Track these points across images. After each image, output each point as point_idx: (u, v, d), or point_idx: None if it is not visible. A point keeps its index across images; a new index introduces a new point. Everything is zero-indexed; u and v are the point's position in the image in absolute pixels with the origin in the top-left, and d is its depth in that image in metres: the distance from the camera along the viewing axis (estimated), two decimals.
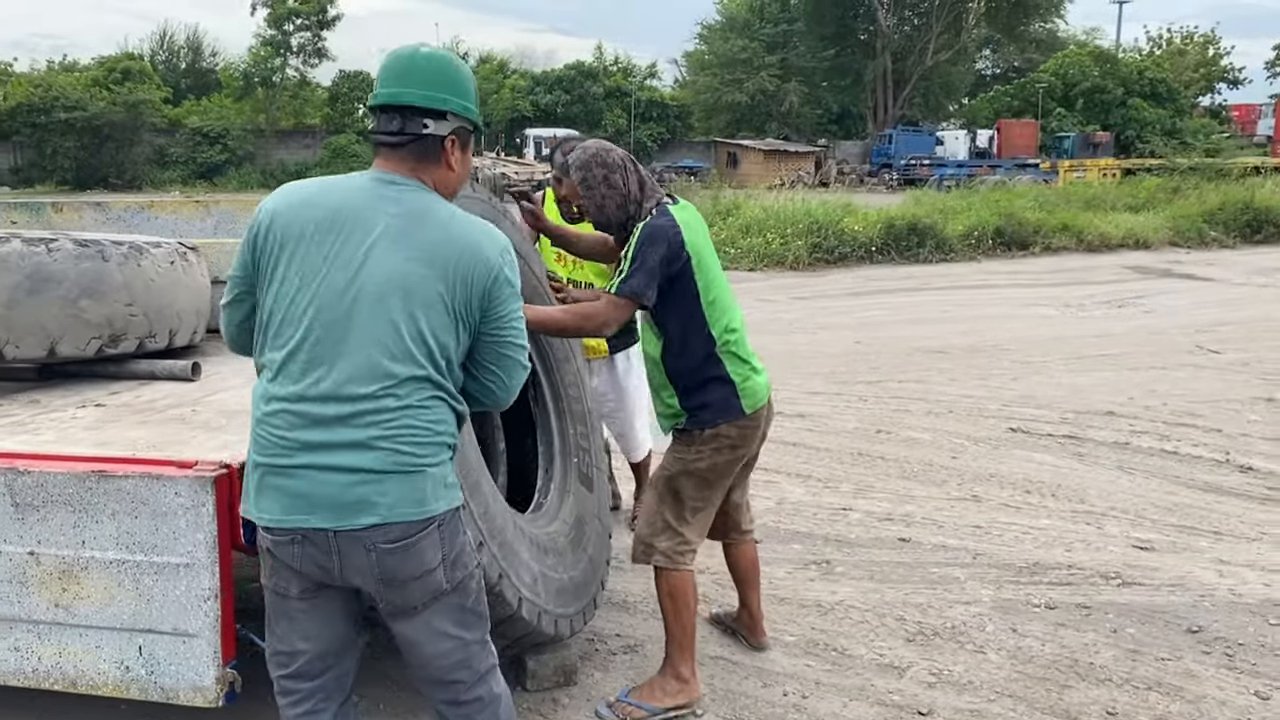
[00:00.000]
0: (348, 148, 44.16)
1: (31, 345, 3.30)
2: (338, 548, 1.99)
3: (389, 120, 2.11)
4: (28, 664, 2.58)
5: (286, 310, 2.04)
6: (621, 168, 2.95)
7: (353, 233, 2.03)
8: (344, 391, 1.98)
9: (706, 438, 3.01)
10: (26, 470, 2.51)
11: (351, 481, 1.97)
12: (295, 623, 2.14)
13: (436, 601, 2.08)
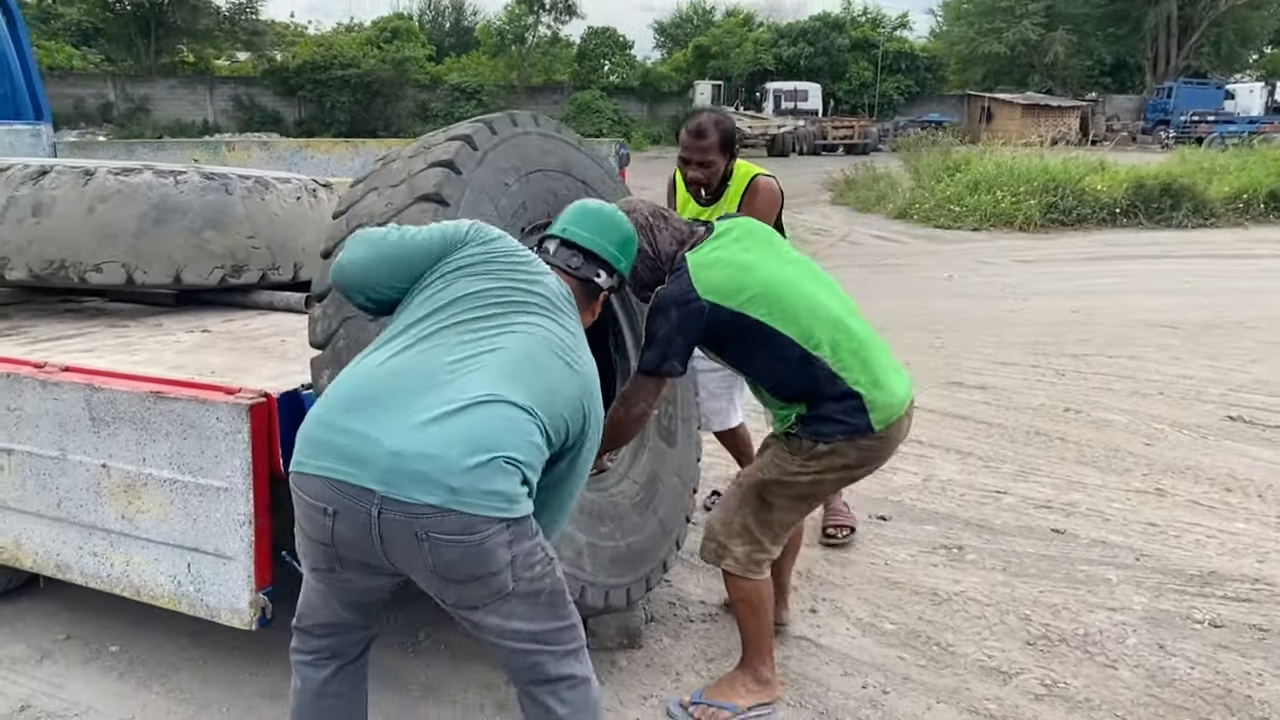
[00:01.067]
0: (592, 103, 45.16)
1: (158, 272, 3.50)
2: (379, 523, 1.82)
3: (571, 255, 2.30)
4: (103, 569, 2.75)
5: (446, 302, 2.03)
6: (647, 227, 2.62)
7: (538, 289, 2.09)
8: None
9: (819, 453, 2.61)
10: (100, 387, 2.65)
11: (422, 442, 1.83)
12: (306, 588, 2.09)
13: (501, 601, 1.91)
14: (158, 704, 2.81)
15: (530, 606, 1.94)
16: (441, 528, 1.79)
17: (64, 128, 35.59)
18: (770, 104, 40.61)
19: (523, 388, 1.90)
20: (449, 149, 2.59)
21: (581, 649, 2.05)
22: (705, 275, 2.54)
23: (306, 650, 2.14)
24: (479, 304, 2.01)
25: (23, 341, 3.19)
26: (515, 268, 2.11)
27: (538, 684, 2.00)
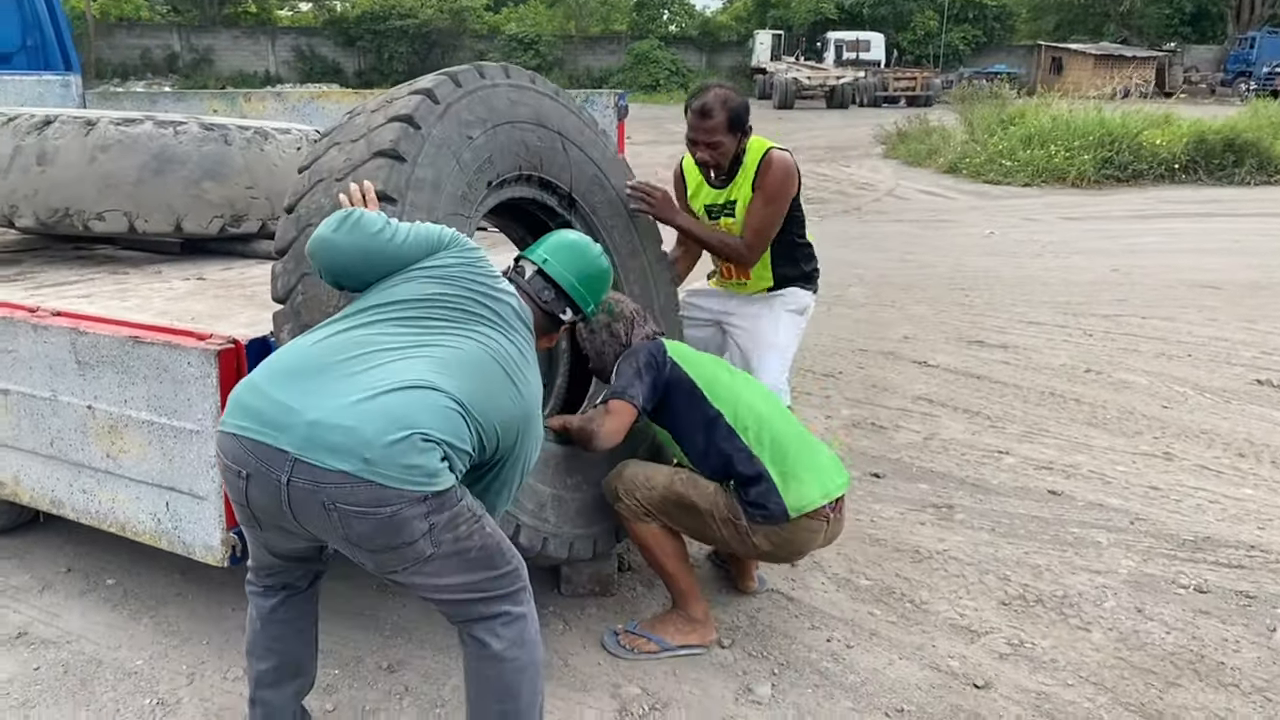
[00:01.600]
0: (650, 53, 44.68)
1: (158, 221, 3.60)
2: (288, 488, 1.85)
3: (544, 287, 2.40)
4: (92, 505, 2.88)
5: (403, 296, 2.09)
6: (628, 320, 2.97)
7: (498, 308, 2.14)
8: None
9: (743, 528, 2.80)
10: (85, 331, 2.75)
11: (341, 411, 1.86)
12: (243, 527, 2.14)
13: (421, 564, 1.92)
14: (145, 635, 2.95)
15: (459, 564, 1.97)
16: (351, 498, 1.80)
17: (131, 78, 36.32)
18: (831, 54, 39.73)
19: (457, 384, 1.92)
20: (409, 103, 2.61)
21: (519, 591, 2.09)
22: (675, 347, 2.96)
23: (256, 582, 2.24)
24: (434, 306, 2.06)
25: (26, 286, 3.32)
26: (478, 279, 2.15)
27: (472, 622, 2.06)
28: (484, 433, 1.97)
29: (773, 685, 2.75)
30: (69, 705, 2.62)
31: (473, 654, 2.09)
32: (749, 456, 2.78)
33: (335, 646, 2.86)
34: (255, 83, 38.57)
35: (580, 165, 3.18)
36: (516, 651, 2.07)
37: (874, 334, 6.34)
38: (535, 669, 2.10)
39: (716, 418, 2.82)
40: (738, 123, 3.31)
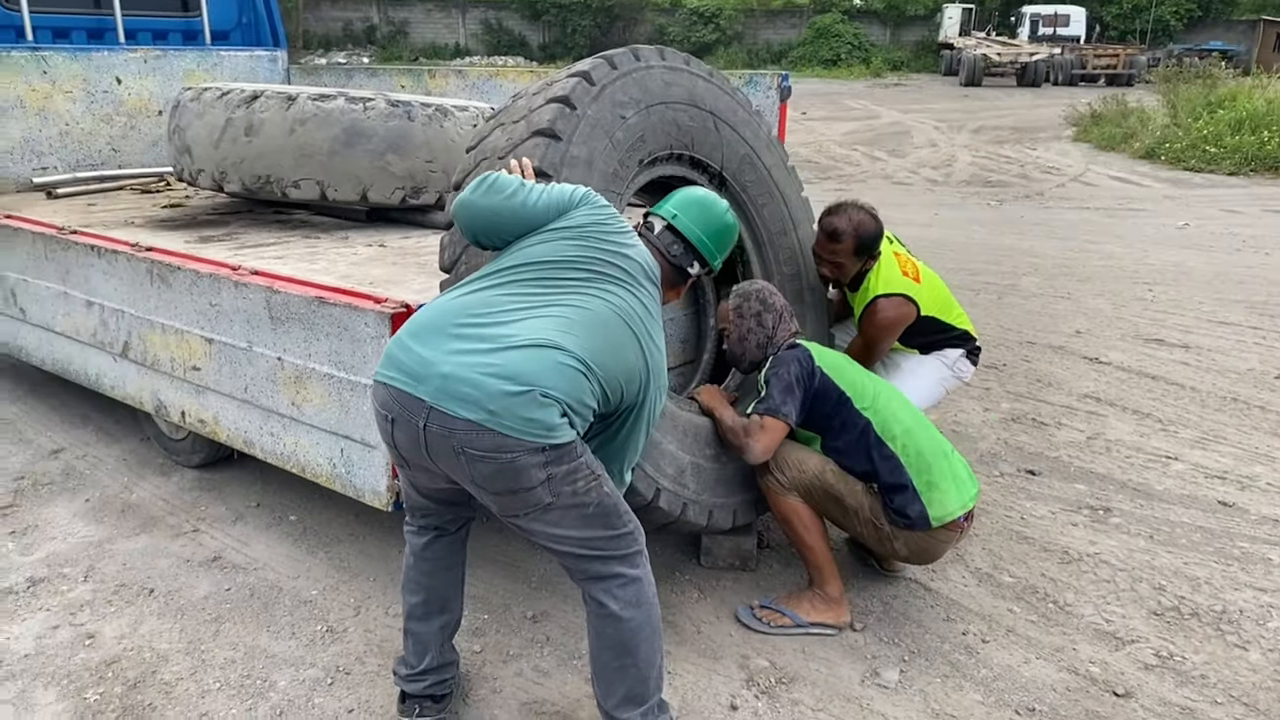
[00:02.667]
0: (831, 27, 43.73)
1: (346, 190, 3.89)
2: (425, 433, 2.01)
3: (673, 242, 2.48)
4: (278, 447, 3.18)
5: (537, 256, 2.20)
6: (778, 313, 3.04)
7: (626, 265, 2.22)
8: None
9: (885, 532, 2.91)
10: (279, 290, 3.03)
11: (466, 366, 2.00)
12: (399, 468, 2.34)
13: (540, 511, 2.06)
14: (320, 568, 3.24)
15: (577, 517, 2.10)
16: (476, 444, 1.96)
17: (333, 49, 38.47)
18: (1026, 29, 37.79)
19: (581, 343, 2.04)
20: (566, 85, 2.74)
21: (635, 555, 2.21)
22: (819, 353, 2.98)
23: (411, 522, 2.44)
24: (564, 266, 2.16)
25: (231, 246, 3.66)
26: (608, 236, 2.24)
27: (590, 581, 2.21)
28: (608, 389, 2.08)
29: (901, 671, 2.77)
30: (252, 625, 2.93)
31: (593, 612, 2.23)
32: (896, 466, 2.84)
33: (486, 593, 3.07)
34: (446, 54, 40.12)
35: (732, 145, 3.25)
36: (633, 612, 2.19)
37: (1044, 326, 6.11)
38: (651, 629, 2.22)
39: (866, 427, 2.88)
40: (864, 250, 3.38)
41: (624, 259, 2.23)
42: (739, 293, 3.08)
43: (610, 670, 2.23)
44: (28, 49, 5.00)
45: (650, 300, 2.24)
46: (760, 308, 3.03)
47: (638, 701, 2.23)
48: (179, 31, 5.93)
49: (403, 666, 2.48)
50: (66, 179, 4.98)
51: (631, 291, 2.19)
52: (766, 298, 3.05)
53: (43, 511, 3.62)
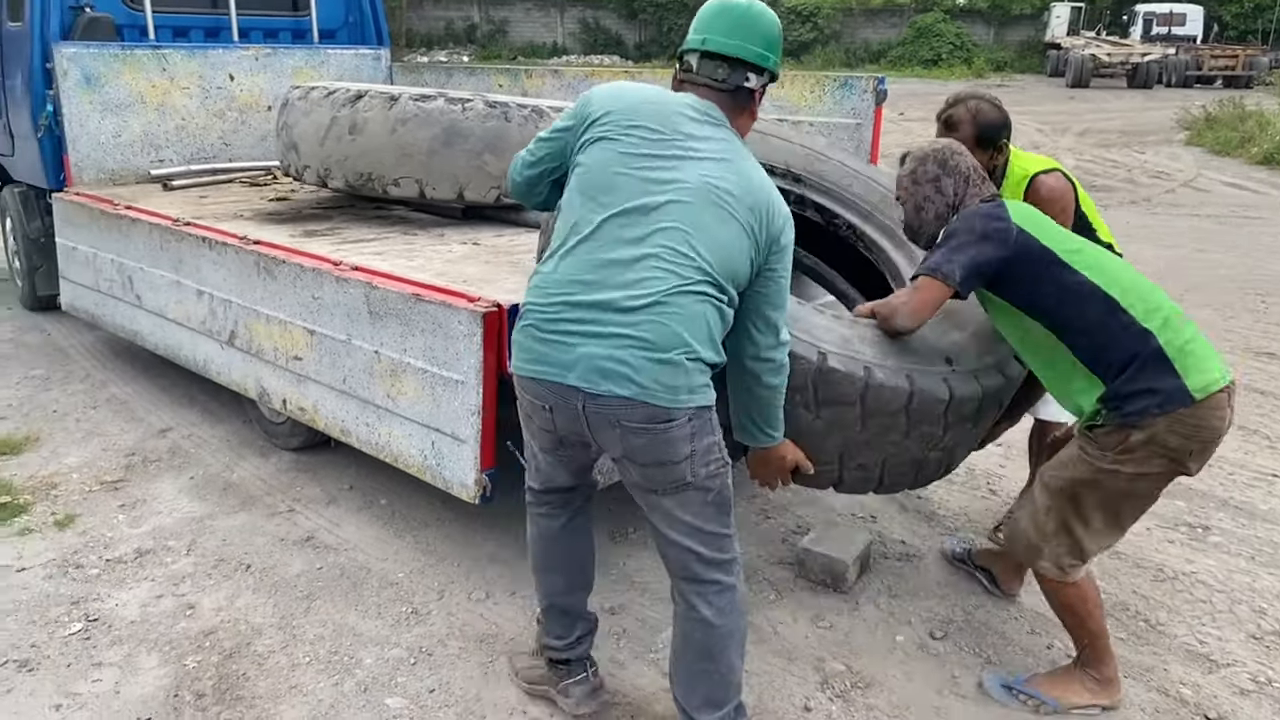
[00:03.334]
0: (933, 26, 42.85)
1: (444, 189, 4.00)
2: (586, 416, 2.08)
3: (715, 67, 2.22)
4: (372, 437, 3.29)
5: (600, 188, 2.13)
6: (962, 176, 2.58)
7: (678, 138, 2.13)
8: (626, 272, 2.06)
9: (1134, 443, 2.34)
10: (377, 286, 3.14)
11: (611, 346, 2.03)
12: (534, 453, 2.40)
13: (679, 492, 2.14)
14: (407, 551, 3.34)
15: (701, 501, 2.16)
16: (632, 417, 2.04)
17: (435, 47, 39.30)
18: (1138, 28, 36.47)
19: (693, 263, 2.04)
20: None
21: (732, 562, 2.25)
22: (1020, 210, 2.50)
23: (541, 505, 2.49)
24: (627, 188, 2.10)
25: (332, 242, 3.80)
26: (641, 122, 2.14)
27: (688, 582, 2.23)
28: (733, 277, 2.09)
29: (980, 682, 2.73)
30: (341, 603, 3.04)
31: (683, 615, 2.26)
32: (1140, 333, 2.33)
33: None
34: (543, 53, 40.61)
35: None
36: (723, 620, 2.23)
37: None
38: (739, 637, 2.26)
39: (1091, 289, 2.37)
40: (985, 138, 2.96)
41: (674, 130, 2.14)
42: (914, 155, 2.66)
43: (693, 673, 2.27)
44: (149, 47, 5.26)
45: (722, 146, 2.15)
46: (938, 170, 2.60)
47: (717, 705, 2.27)
48: (289, 30, 6.15)
49: (555, 640, 2.55)
50: (181, 171, 5.23)
51: (698, 160, 2.11)
52: (947, 158, 2.61)
53: (151, 487, 3.81)
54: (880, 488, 2.76)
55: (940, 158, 2.61)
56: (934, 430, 2.59)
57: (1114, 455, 2.37)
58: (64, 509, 3.61)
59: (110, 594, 3.08)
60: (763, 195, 2.14)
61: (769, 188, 2.17)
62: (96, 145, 5.09)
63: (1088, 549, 2.51)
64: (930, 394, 2.51)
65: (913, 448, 2.62)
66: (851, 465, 2.63)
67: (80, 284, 4.87)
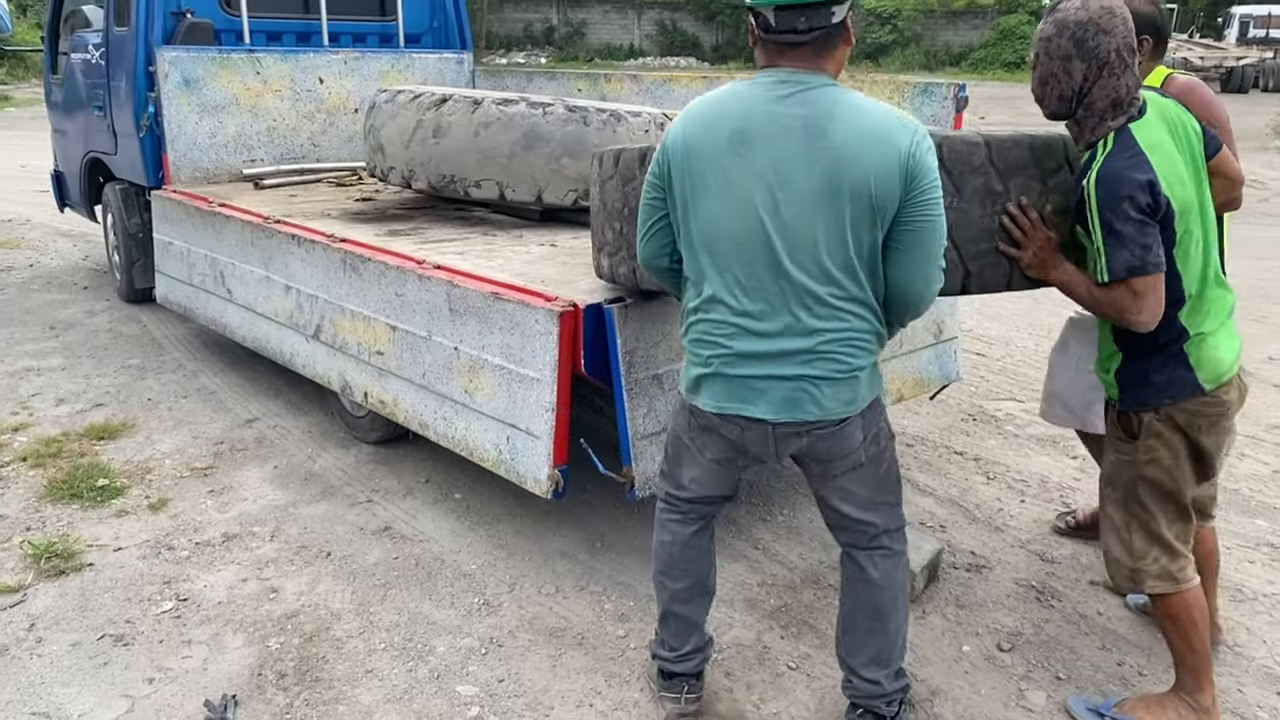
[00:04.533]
0: (1016, 29, 41.98)
1: (523, 191, 4.08)
2: (774, 437, 2.20)
3: (794, 18, 2.02)
4: (450, 431, 3.39)
5: (709, 233, 2.13)
6: (1099, 63, 2.24)
7: (760, 153, 2.04)
8: (778, 315, 2.11)
9: (1155, 429, 2.39)
10: (458, 285, 3.24)
11: (793, 386, 2.14)
12: (691, 470, 2.43)
13: (853, 471, 2.28)
14: (480, 544, 3.43)
15: (872, 474, 2.30)
16: (816, 429, 2.19)
17: (514, 49, 39.77)
18: (1234, 31, 35.23)
19: (816, 280, 2.05)
20: None
21: (898, 532, 2.40)
22: (1153, 151, 2.23)
23: (679, 512, 2.51)
24: (726, 227, 2.09)
25: (415, 241, 3.91)
26: (711, 152, 2.08)
27: (857, 547, 2.39)
28: (860, 257, 2.06)
29: (1048, 696, 2.71)
30: (416, 592, 3.14)
31: (852, 576, 2.42)
32: (1173, 325, 2.32)
33: (633, 582, 3.18)
34: (620, 55, 40.80)
35: None
36: (890, 582, 2.38)
37: None
38: (903, 602, 2.42)
39: (1171, 277, 2.28)
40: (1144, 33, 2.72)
41: (744, 134, 2.05)
42: (1056, 19, 2.30)
43: (861, 631, 2.41)
44: (245, 51, 5.47)
45: (804, 119, 2.02)
46: (1072, 49, 2.26)
47: (883, 664, 2.41)
48: (376, 35, 6.33)
49: (665, 650, 2.59)
50: (271, 170, 5.42)
51: (773, 158, 2.03)
52: (1086, 38, 2.25)
53: (237, 474, 3.97)
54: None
55: (1079, 35, 2.25)
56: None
57: (1141, 444, 2.42)
58: (157, 493, 3.79)
59: (199, 575, 3.23)
60: (867, 144, 2.00)
61: (874, 128, 2.01)
62: (193, 145, 5.30)
63: (1176, 548, 2.45)
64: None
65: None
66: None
67: (175, 278, 5.09)
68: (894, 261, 2.10)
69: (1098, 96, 2.28)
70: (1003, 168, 2.39)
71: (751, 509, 3.73)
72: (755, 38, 2.12)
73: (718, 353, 2.19)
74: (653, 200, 2.25)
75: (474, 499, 3.74)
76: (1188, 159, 2.33)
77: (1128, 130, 2.26)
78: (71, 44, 6.32)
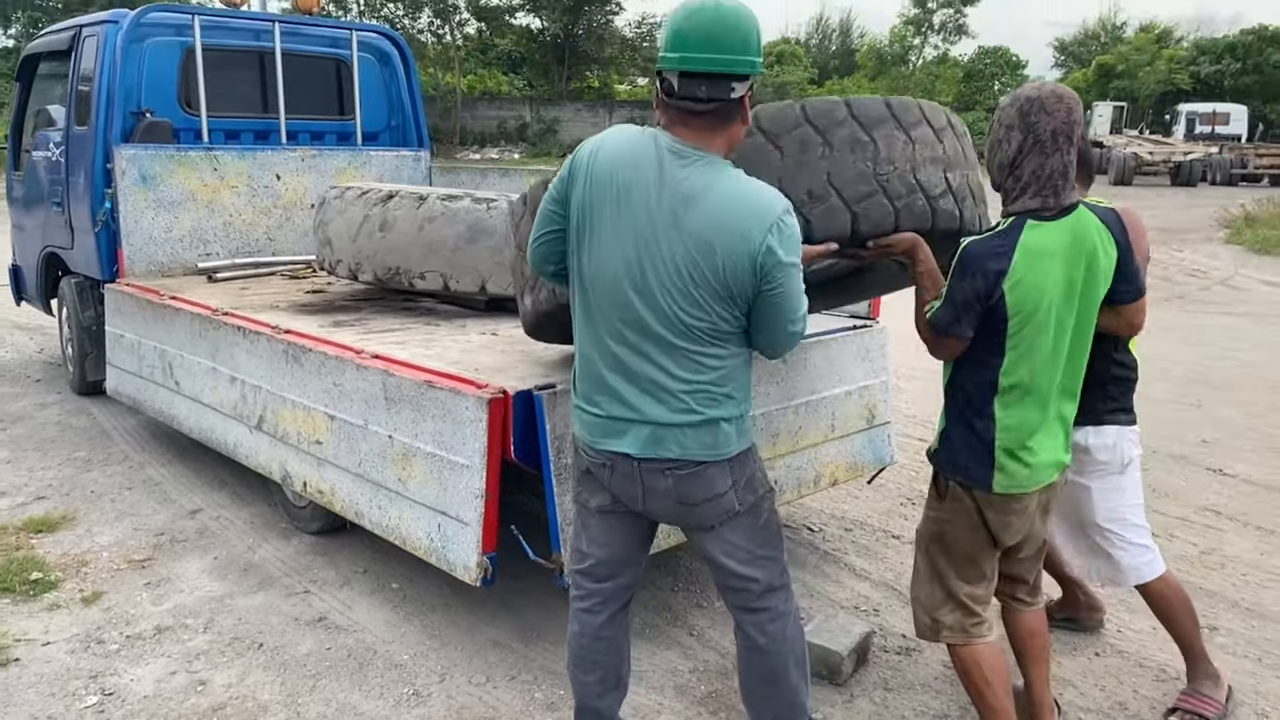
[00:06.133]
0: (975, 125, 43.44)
1: (467, 282, 4.19)
2: (640, 473, 2.26)
3: (695, 86, 2.09)
4: (384, 520, 3.42)
5: (590, 274, 2.23)
6: (1032, 140, 2.36)
7: (637, 212, 2.14)
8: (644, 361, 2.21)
9: (951, 491, 2.57)
10: (394, 373, 3.31)
11: (655, 428, 2.22)
12: (586, 530, 2.49)
13: (731, 521, 2.33)
14: (414, 634, 3.43)
15: (750, 525, 2.36)
16: (677, 469, 2.24)
17: (488, 145, 40.57)
18: (1181, 128, 36.73)
19: (677, 337, 2.16)
20: None
21: (785, 589, 2.46)
22: (1024, 266, 2.34)
23: (586, 597, 2.52)
24: (603, 272, 2.19)
25: (358, 332, 3.99)
26: (602, 194, 2.17)
27: (745, 612, 2.44)
28: (724, 314, 2.16)
29: None
30: (346, 683, 3.13)
31: (742, 643, 2.49)
32: (986, 409, 2.48)
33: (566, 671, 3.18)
34: None
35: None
36: (778, 646, 2.44)
37: (1169, 434, 5.88)
38: (796, 659, 2.47)
39: (991, 366, 2.46)
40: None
41: (632, 190, 2.15)
42: (1012, 94, 2.45)
43: (758, 697, 2.49)
44: (203, 149, 5.61)
45: (681, 191, 2.11)
46: (1016, 118, 2.38)
47: None
48: (334, 133, 6.51)
49: None
50: (225, 264, 5.52)
51: (654, 223, 2.13)
52: (1029, 111, 2.36)
53: (176, 566, 3.96)
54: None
55: (1024, 109, 2.37)
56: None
57: (945, 504, 2.59)
58: (92, 586, 3.76)
59: (127, 669, 3.20)
60: (724, 233, 2.10)
61: (733, 219, 2.10)
62: (149, 240, 5.40)
63: (971, 606, 2.61)
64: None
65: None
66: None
67: (125, 370, 5.12)
68: (753, 325, 2.22)
69: (1025, 170, 2.39)
70: (864, 121, 2.59)
71: (688, 595, 3.76)
72: (659, 101, 2.19)
73: (591, 392, 2.30)
74: (550, 212, 2.30)
75: (411, 589, 3.75)
76: (1073, 279, 2.41)
77: (1022, 222, 2.38)
78: (34, 142, 6.46)
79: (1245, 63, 42.62)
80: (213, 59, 5.78)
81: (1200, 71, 42.92)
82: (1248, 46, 43.03)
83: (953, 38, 48.00)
